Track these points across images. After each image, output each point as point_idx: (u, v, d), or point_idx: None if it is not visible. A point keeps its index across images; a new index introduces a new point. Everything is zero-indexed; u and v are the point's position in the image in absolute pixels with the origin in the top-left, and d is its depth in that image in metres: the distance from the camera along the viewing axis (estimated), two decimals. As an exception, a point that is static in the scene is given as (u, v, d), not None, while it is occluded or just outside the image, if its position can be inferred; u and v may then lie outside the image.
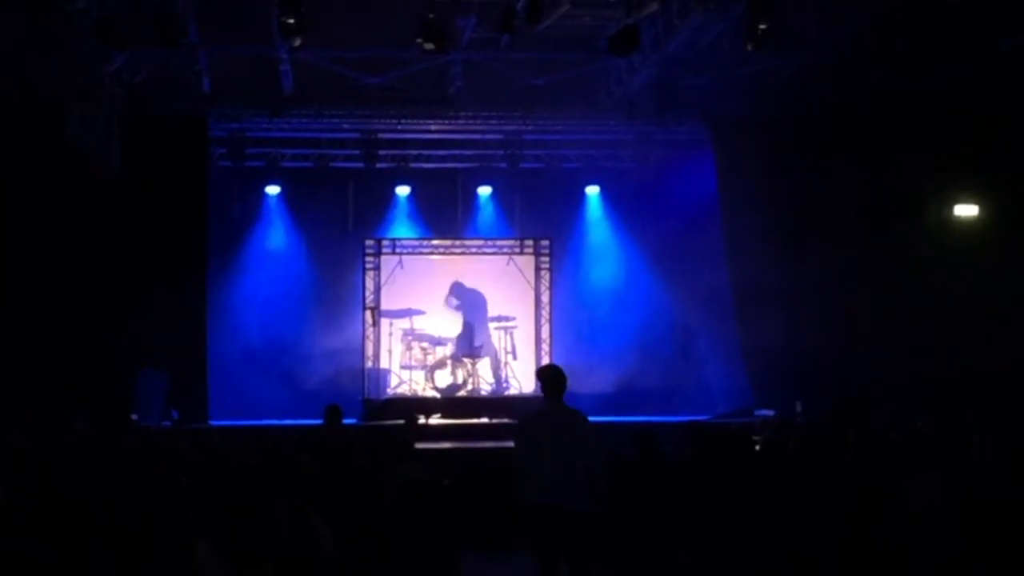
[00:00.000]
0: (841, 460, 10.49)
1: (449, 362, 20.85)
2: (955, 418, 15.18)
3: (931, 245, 19.60)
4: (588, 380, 21.17)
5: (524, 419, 10.62)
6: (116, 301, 19.00)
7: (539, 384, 10.24)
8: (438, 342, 20.94)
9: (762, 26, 15.08)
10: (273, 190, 21.76)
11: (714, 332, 21.04)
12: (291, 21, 14.89)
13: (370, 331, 20.99)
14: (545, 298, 21.51)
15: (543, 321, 21.42)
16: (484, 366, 20.98)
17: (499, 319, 21.21)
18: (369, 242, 21.39)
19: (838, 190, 19.79)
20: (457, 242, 22.25)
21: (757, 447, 12.33)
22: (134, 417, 18.26)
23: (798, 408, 18.81)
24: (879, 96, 18.56)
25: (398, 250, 21.58)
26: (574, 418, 9.99)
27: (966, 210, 19.34)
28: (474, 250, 22.13)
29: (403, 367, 21.03)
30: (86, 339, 18.89)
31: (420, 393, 20.68)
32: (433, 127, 21.23)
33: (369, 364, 20.91)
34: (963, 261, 19.37)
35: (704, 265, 20.95)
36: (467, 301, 21.18)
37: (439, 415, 19.49)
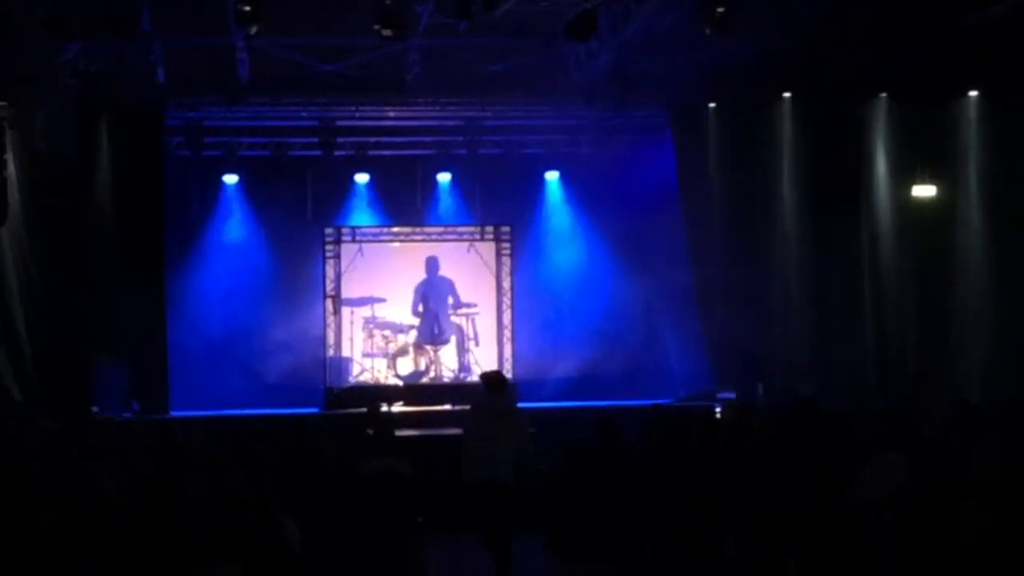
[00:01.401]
0: (803, 443, 10.54)
1: (411, 349, 20.81)
2: (915, 400, 15.31)
3: (889, 226, 19.71)
4: (551, 366, 21.26)
5: (469, 409, 12.19)
6: (74, 292, 18.87)
7: (483, 384, 11.85)
8: (400, 329, 20.88)
9: (720, 9, 15.09)
10: (231, 179, 21.62)
11: (675, 316, 21.07)
12: (247, 9, 14.80)
13: (331, 319, 20.91)
14: (507, 284, 21.48)
15: (505, 307, 21.40)
16: (446, 353, 20.94)
17: (462, 305, 21.17)
18: (329, 230, 21.29)
19: (797, 173, 19.86)
20: (417, 229, 22.18)
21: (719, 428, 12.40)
22: (94, 409, 18.14)
23: (760, 390, 18.91)
24: (838, 78, 18.61)
25: (358, 238, 21.49)
26: (510, 408, 11.80)
27: (924, 191, 19.43)
28: (435, 237, 22.07)
29: (365, 355, 20.97)
30: (43, 331, 18.76)
31: (382, 381, 20.63)
32: (391, 114, 21.14)
33: (331, 353, 20.84)
34: (920, 242, 19.51)
35: (665, 249, 20.98)
36: (432, 286, 21.13)
37: (402, 403, 19.47)
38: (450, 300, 21.14)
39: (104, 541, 5.92)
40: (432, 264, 21.24)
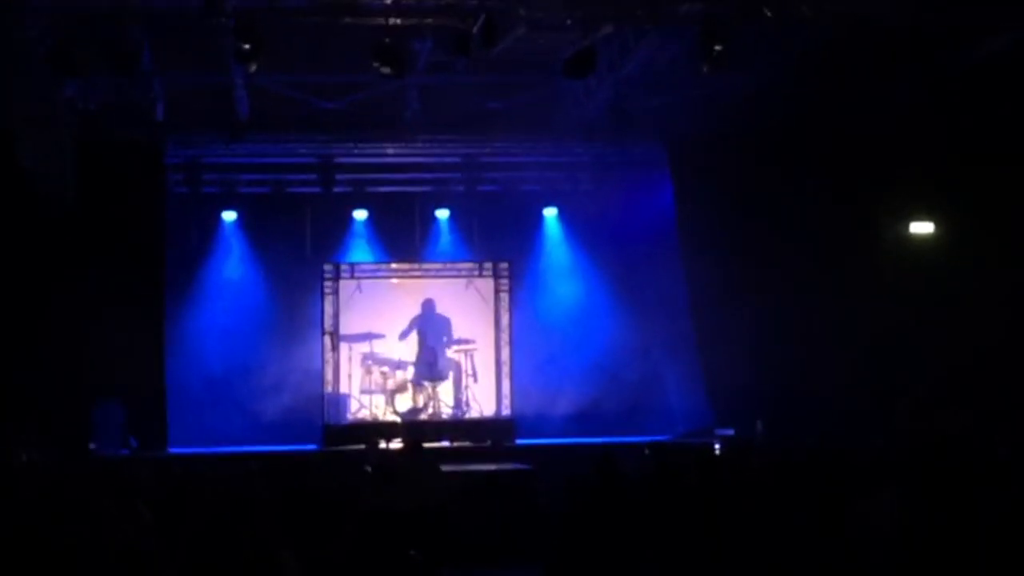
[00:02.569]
0: (798, 478, 10.54)
1: (409, 386, 20.78)
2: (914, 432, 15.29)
3: (888, 262, 19.74)
4: (550, 402, 21.22)
5: None
6: (73, 329, 18.90)
7: None
8: (398, 366, 20.85)
9: (717, 47, 15.15)
10: (230, 216, 21.65)
11: (674, 352, 21.08)
12: (246, 47, 14.84)
13: (329, 356, 20.89)
14: (505, 320, 21.45)
15: (503, 344, 21.36)
16: (444, 390, 20.92)
17: (459, 342, 21.15)
18: (327, 267, 21.29)
19: (795, 209, 19.89)
20: (416, 266, 22.19)
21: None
22: (92, 446, 18.13)
23: (759, 427, 18.89)
24: (834, 115, 18.68)
25: (356, 274, 21.49)
26: None
27: (922, 227, 19.48)
28: (433, 274, 22.07)
29: (363, 391, 20.93)
30: (42, 368, 18.77)
31: (381, 417, 20.60)
32: (390, 151, 21.20)
33: (329, 389, 20.80)
34: (919, 277, 19.54)
35: (663, 285, 21.01)
36: (430, 324, 21.12)
37: (400, 439, 19.43)
38: (444, 337, 21.12)
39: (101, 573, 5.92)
40: (428, 304, 21.24)
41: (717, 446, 17.74)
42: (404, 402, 20.69)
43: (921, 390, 17.37)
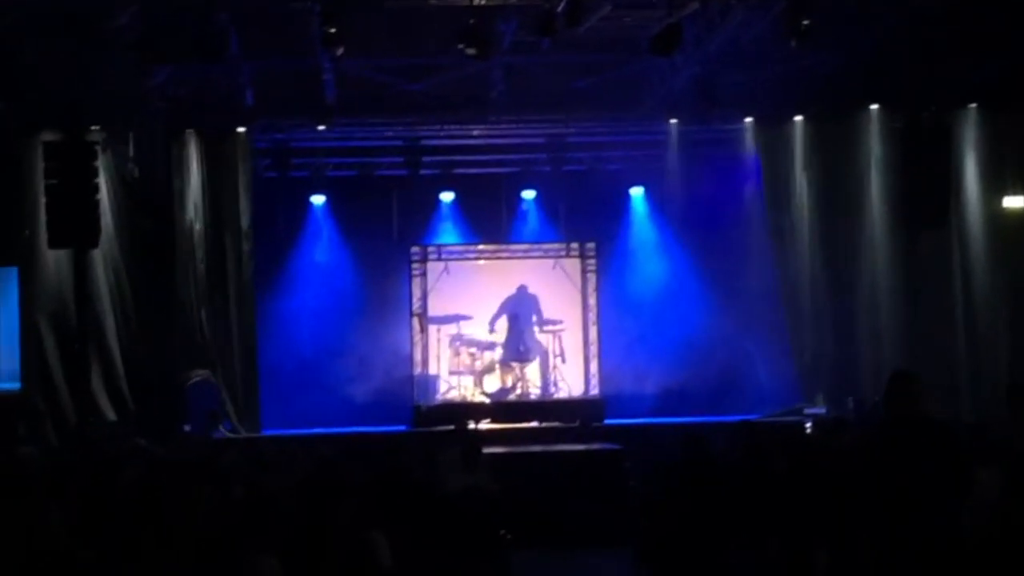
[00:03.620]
0: (895, 454, 10.39)
1: (497, 367, 20.82)
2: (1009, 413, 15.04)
3: (980, 238, 19.48)
4: (637, 382, 21.12)
5: None
6: (165, 313, 19.18)
7: None
8: (486, 347, 20.92)
9: (804, 22, 14.99)
10: (318, 200, 21.81)
11: (763, 330, 20.90)
12: (332, 31, 14.95)
13: (418, 338, 21.00)
14: (592, 300, 21.41)
15: (591, 324, 21.33)
16: (532, 370, 20.94)
17: (547, 322, 21.16)
18: (415, 249, 21.40)
19: (884, 186, 19.69)
20: (502, 247, 22.22)
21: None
22: (186, 428, 18.38)
23: (850, 405, 18.73)
24: (925, 88, 18.43)
25: (444, 256, 21.57)
26: None
27: (1015, 202, 19.18)
28: (520, 254, 22.09)
29: (452, 373, 21.02)
30: (136, 352, 19.08)
31: (469, 398, 20.67)
32: (476, 132, 21.23)
33: (418, 371, 20.92)
34: (1011, 254, 19.27)
35: (751, 262, 20.87)
36: (519, 305, 21.13)
37: (489, 420, 19.49)
38: (534, 317, 21.13)
39: (196, 557, 5.99)
40: (521, 288, 21.26)
41: (808, 425, 17.59)
42: (492, 383, 20.74)
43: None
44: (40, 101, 17.86)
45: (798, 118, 20.08)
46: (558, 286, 21.56)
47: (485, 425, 19.16)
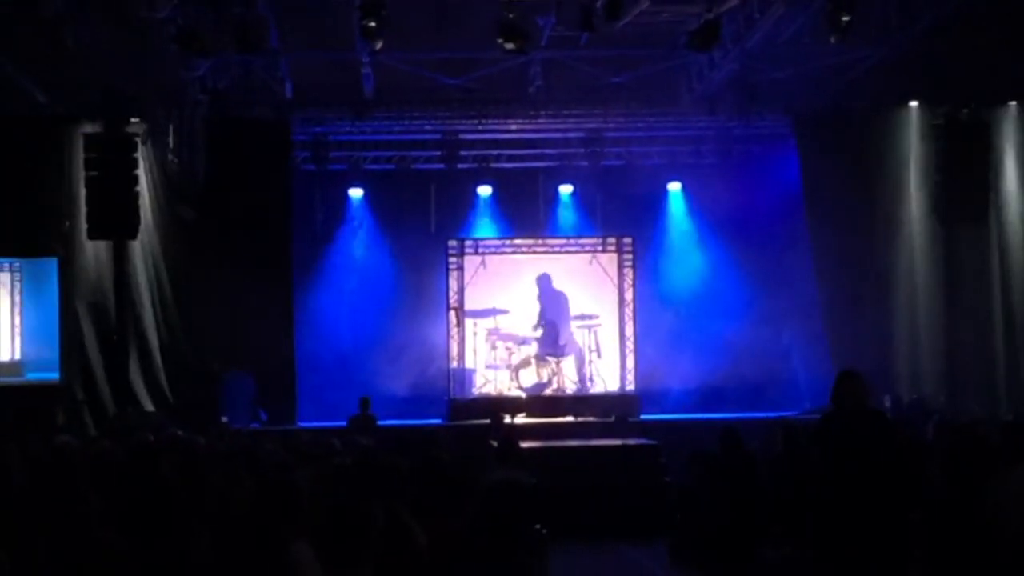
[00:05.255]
0: (929, 454, 10.37)
1: (533, 361, 20.81)
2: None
3: (1019, 235, 19.39)
4: (674, 377, 21.10)
5: None
6: (204, 305, 19.29)
7: None
8: (522, 341, 20.92)
9: (845, 18, 14.95)
10: (356, 193, 21.88)
11: (801, 326, 20.84)
12: (372, 24, 14.99)
13: (454, 331, 21.03)
14: (628, 296, 21.38)
15: (627, 319, 21.30)
16: (568, 365, 20.94)
17: (582, 317, 21.14)
18: (452, 242, 21.41)
19: (924, 182, 19.62)
20: (540, 241, 22.20)
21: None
22: (224, 419, 18.48)
23: (887, 403, 18.65)
24: (965, 85, 18.35)
25: (481, 250, 21.58)
26: None
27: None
28: (557, 249, 22.06)
29: (488, 367, 21.02)
30: (174, 343, 19.21)
31: (505, 392, 20.68)
32: (513, 127, 21.26)
33: (454, 364, 20.94)
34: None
35: (790, 259, 20.82)
36: (550, 299, 21.14)
37: (524, 414, 19.51)
38: (564, 313, 21.10)
39: (233, 545, 6.03)
40: (543, 281, 21.21)
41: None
42: (529, 377, 20.74)
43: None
44: (81, 93, 18.00)
45: (837, 114, 20.01)
46: (595, 281, 21.53)
47: (521, 419, 19.18)
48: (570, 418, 19.47)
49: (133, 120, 18.46)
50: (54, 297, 19.17)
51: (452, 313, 21.06)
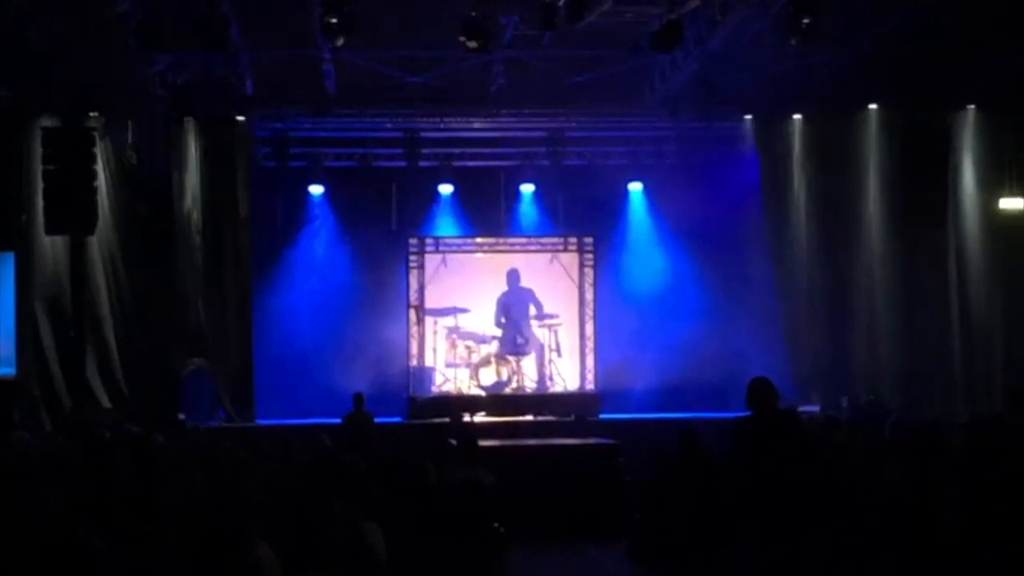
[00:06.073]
0: (888, 454, 10.45)
1: (493, 360, 20.80)
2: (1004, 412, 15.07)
3: (976, 238, 19.54)
4: (633, 377, 21.13)
5: None
6: (162, 301, 19.18)
7: None
8: (482, 340, 20.90)
9: (805, 21, 15.01)
10: (317, 190, 21.80)
11: (760, 328, 20.90)
12: (334, 21, 14.94)
13: (414, 329, 21.00)
14: (589, 295, 21.41)
15: (587, 319, 21.33)
16: (528, 363, 20.94)
17: (543, 316, 21.15)
18: (412, 240, 21.37)
19: (882, 185, 19.74)
20: (500, 240, 22.20)
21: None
22: (181, 416, 18.39)
23: (844, 404, 18.78)
24: (924, 89, 18.47)
25: (441, 248, 21.56)
26: None
27: (1011, 203, 19.23)
28: (518, 248, 22.05)
29: (448, 365, 20.99)
30: (131, 339, 19.09)
31: (465, 391, 20.66)
32: (476, 125, 21.23)
33: (414, 362, 20.91)
34: (1008, 254, 19.32)
35: (748, 260, 20.89)
36: (514, 296, 21.14)
37: (484, 413, 19.50)
38: (532, 310, 21.12)
39: (191, 544, 5.99)
40: (513, 276, 21.24)
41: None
42: (488, 376, 20.72)
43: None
44: (39, 87, 17.88)
45: (797, 117, 20.14)
46: (555, 280, 21.55)
47: (480, 418, 19.17)
48: (530, 417, 19.48)
49: (92, 115, 18.34)
50: (10, 292, 18.99)
51: (412, 311, 21.03)
